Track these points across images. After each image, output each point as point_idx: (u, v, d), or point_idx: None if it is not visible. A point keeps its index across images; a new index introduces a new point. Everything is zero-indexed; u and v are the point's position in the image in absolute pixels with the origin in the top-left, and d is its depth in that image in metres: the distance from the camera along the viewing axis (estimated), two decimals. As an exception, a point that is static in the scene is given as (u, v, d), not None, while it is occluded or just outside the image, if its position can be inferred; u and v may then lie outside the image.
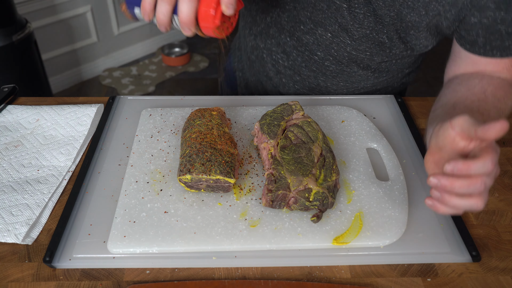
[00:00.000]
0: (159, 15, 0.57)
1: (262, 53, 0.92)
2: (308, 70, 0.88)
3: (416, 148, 0.74)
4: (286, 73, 0.91)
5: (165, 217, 0.61)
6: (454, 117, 0.54)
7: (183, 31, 0.58)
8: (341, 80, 0.89)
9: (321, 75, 0.88)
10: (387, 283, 0.56)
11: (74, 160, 0.72)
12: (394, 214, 0.61)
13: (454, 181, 0.50)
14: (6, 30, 1.65)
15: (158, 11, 0.56)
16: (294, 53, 0.87)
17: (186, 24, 0.56)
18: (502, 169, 0.73)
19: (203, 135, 0.66)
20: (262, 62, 0.93)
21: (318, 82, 0.90)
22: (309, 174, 0.61)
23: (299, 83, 0.91)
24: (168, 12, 0.56)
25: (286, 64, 0.89)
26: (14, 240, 0.59)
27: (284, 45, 0.87)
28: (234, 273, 0.56)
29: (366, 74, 0.87)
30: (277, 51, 0.89)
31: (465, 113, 0.55)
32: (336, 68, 0.86)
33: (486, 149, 0.51)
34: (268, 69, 0.93)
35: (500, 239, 0.61)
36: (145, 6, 0.57)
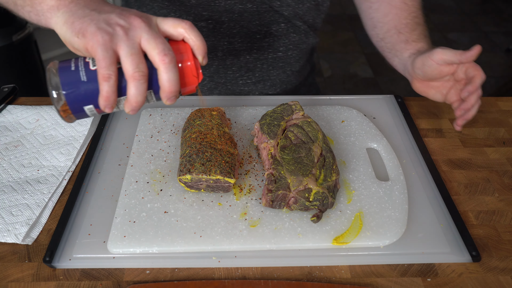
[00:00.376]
0: (135, 99, 0.48)
1: (225, 86, 0.89)
2: (276, 69, 0.89)
3: (416, 148, 0.74)
4: (258, 88, 0.90)
5: (165, 217, 0.61)
6: (432, 51, 0.69)
7: (168, 101, 0.50)
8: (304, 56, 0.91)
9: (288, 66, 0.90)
10: (387, 283, 0.56)
11: (74, 160, 0.72)
12: (394, 214, 0.61)
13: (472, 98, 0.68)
14: (6, 30, 1.65)
15: (132, 94, 0.47)
16: (258, 64, 0.87)
17: (174, 93, 0.49)
18: (502, 169, 0.73)
19: (203, 135, 0.66)
20: (227, 92, 0.90)
21: (286, 74, 0.92)
22: (309, 174, 0.61)
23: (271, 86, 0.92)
24: (145, 90, 0.48)
25: (254, 79, 0.89)
26: (14, 240, 0.59)
27: (246, 64, 0.86)
28: (234, 273, 0.56)
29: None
30: (241, 74, 0.87)
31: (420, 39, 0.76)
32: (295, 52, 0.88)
33: (472, 68, 0.67)
34: (239, 91, 0.91)
35: (500, 239, 0.61)
36: (109, 97, 0.47)
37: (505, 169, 0.73)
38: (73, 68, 0.48)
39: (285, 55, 0.88)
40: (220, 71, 0.86)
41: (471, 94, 0.67)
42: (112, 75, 0.46)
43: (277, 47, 0.85)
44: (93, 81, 0.47)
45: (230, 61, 0.85)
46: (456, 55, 0.66)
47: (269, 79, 0.90)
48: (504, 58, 2.87)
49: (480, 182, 0.70)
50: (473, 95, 0.67)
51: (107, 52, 0.46)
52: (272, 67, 0.88)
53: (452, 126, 0.81)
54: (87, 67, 0.48)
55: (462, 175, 0.71)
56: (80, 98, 0.48)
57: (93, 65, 0.48)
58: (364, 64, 2.78)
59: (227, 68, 0.86)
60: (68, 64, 0.49)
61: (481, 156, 0.75)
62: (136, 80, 0.47)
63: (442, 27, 3.15)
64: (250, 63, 0.86)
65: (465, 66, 0.68)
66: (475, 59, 0.66)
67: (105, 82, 0.46)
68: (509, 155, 0.76)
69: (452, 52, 0.67)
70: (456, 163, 0.73)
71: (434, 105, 0.86)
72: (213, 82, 0.88)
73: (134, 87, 0.47)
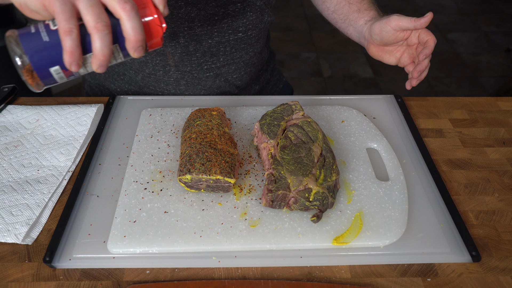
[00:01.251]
0: (102, 52, 0.46)
1: (191, 74, 0.89)
2: (239, 51, 0.90)
3: (416, 148, 0.74)
4: (223, 72, 0.91)
5: (165, 217, 0.61)
6: (388, 17, 0.74)
7: (135, 53, 0.49)
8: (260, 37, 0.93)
9: (250, 47, 0.91)
10: (387, 283, 0.56)
11: (74, 160, 0.72)
12: (394, 214, 0.61)
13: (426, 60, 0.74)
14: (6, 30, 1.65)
15: (97, 47, 0.46)
16: (221, 48, 0.87)
17: (140, 41, 0.47)
18: (502, 169, 0.73)
19: (203, 135, 0.66)
20: (194, 81, 0.90)
21: (249, 55, 0.92)
22: (309, 174, 0.61)
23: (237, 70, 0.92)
24: (110, 42, 0.46)
25: (219, 63, 0.89)
26: (14, 240, 0.59)
27: (209, 49, 0.86)
28: (234, 273, 0.56)
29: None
30: (205, 60, 0.87)
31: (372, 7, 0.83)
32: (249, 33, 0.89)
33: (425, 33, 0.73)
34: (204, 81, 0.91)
35: (500, 239, 0.61)
36: (73, 52, 0.46)
37: (505, 169, 0.73)
38: (33, 31, 0.47)
39: (245, 35, 0.88)
40: (185, 59, 0.86)
41: (427, 57, 0.73)
42: (73, 28, 0.45)
43: (236, 28, 0.86)
44: (56, 39, 0.46)
45: (193, 47, 0.85)
46: (411, 22, 0.72)
47: (233, 62, 0.90)
48: (504, 58, 2.87)
49: (480, 182, 0.70)
50: (428, 58, 0.73)
51: (65, 5, 0.45)
52: (235, 49, 0.89)
53: (452, 126, 0.81)
54: (47, 28, 0.47)
55: (462, 175, 0.71)
56: (45, 59, 0.47)
57: (54, 25, 0.47)
58: (364, 64, 2.78)
59: (190, 55, 0.86)
60: (27, 29, 0.48)
61: (481, 156, 0.75)
62: (99, 31, 0.45)
63: (442, 27, 3.15)
64: (213, 47, 0.86)
65: (418, 32, 0.74)
66: (427, 25, 0.71)
67: (67, 36, 0.45)
68: (509, 155, 0.76)
69: (407, 19, 0.72)
70: (456, 163, 0.73)
71: (434, 105, 0.86)
72: (178, 72, 0.88)
73: (98, 39, 0.46)
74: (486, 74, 2.72)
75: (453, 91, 2.57)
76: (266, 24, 0.92)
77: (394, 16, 0.74)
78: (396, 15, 0.74)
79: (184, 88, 0.90)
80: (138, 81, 0.90)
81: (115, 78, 0.93)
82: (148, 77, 0.89)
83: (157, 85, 0.90)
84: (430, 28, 0.87)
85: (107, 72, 0.93)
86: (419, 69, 0.74)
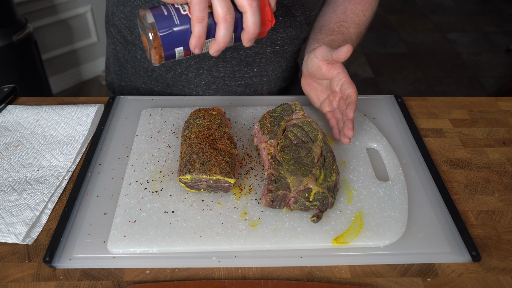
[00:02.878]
0: (223, 39, 0.54)
1: (223, 81, 0.89)
2: (273, 64, 0.90)
3: (416, 148, 0.74)
4: (254, 82, 0.91)
5: (165, 217, 0.61)
6: (317, 48, 0.71)
7: (248, 43, 0.56)
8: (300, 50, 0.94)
9: (284, 61, 0.91)
10: (387, 283, 0.56)
11: (74, 160, 0.72)
12: (394, 214, 0.62)
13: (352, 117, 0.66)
14: (6, 30, 1.65)
15: (220, 35, 0.53)
16: (257, 59, 0.87)
17: (255, 35, 0.55)
18: (502, 169, 0.73)
19: (203, 135, 0.66)
20: (225, 87, 0.90)
21: (282, 69, 0.92)
22: (309, 174, 0.61)
23: (268, 82, 0.92)
24: (232, 32, 0.54)
25: (252, 73, 0.89)
26: (14, 240, 0.59)
27: (246, 58, 0.86)
28: (234, 273, 0.56)
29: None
30: (240, 69, 0.88)
31: (326, 40, 0.77)
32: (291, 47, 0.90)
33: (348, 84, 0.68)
34: (234, 89, 0.91)
35: (500, 239, 0.61)
36: (200, 37, 0.53)
37: (505, 169, 0.73)
38: (165, 13, 0.54)
39: (282, 49, 0.88)
40: (220, 64, 0.86)
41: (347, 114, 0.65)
42: (205, 17, 0.52)
43: (275, 41, 0.86)
44: (185, 24, 0.54)
45: (230, 54, 0.85)
46: (330, 52, 0.68)
47: (266, 74, 0.90)
48: (504, 58, 2.87)
49: (480, 182, 0.70)
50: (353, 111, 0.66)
51: None
52: (270, 61, 0.89)
53: (452, 126, 0.81)
54: (178, 12, 0.54)
55: (462, 175, 0.71)
56: (174, 40, 0.54)
57: (184, 11, 0.54)
58: (364, 64, 2.78)
59: (226, 61, 0.86)
60: (160, 10, 0.54)
61: (481, 156, 0.75)
62: (227, 22, 0.52)
63: (442, 27, 3.15)
64: (249, 57, 0.86)
65: (342, 79, 0.69)
66: (343, 58, 0.67)
67: (198, 23, 0.52)
68: (509, 155, 0.76)
69: (329, 48, 0.69)
70: (456, 163, 0.73)
71: (434, 105, 0.86)
72: (211, 76, 0.88)
73: (224, 28, 0.53)
74: (486, 74, 2.72)
75: (453, 91, 2.57)
76: (301, 40, 0.92)
77: (322, 46, 0.71)
78: (324, 46, 0.71)
79: (213, 92, 0.90)
80: (168, 79, 0.90)
81: (141, 74, 0.93)
82: (179, 76, 0.89)
83: (187, 85, 0.90)
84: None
85: (134, 67, 0.93)
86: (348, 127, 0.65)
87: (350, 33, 0.81)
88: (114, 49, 0.96)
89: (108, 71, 1.03)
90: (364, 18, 0.85)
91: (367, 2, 0.86)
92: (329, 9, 0.87)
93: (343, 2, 0.86)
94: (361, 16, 0.85)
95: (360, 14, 0.84)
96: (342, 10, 0.85)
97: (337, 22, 0.82)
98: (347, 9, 0.84)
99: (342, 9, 0.85)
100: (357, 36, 0.83)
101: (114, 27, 0.91)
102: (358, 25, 0.84)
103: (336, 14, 0.84)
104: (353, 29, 0.82)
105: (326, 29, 0.81)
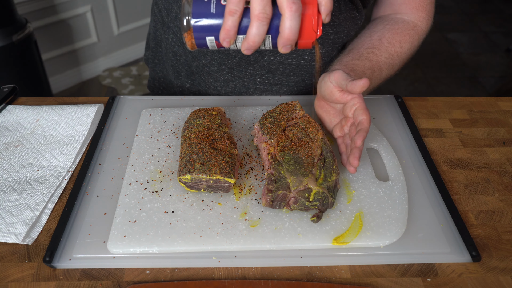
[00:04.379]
0: (253, 38, 0.51)
1: (242, 81, 0.89)
2: (296, 76, 0.88)
3: (416, 148, 0.74)
4: (273, 90, 0.90)
5: (165, 217, 0.61)
6: (332, 71, 0.66)
7: (283, 49, 0.53)
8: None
9: (309, 76, 0.89)
10: (387, 283, 0.56)
11: (74, 160, 0.72)
12: (394, 214, 0.61)
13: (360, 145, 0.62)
14: (6, 30, 1.65)
15: (252, 33, 0.51)
16: (280, 68, 0.86)
17: (291, 41, 0.51)
18: (502, 169, 0.73)
19: (203, 135, 0.66)
20: (243, 89, 0.90)
21: (305, 83, 0.90)
22: (309, 174, 0.61)
23: (287, 92, 0.91)
24: (264, 33, 0.51)
25: (272, 81, 0.88)
26: (14, 240, 0.59)
27: (269, 64, 0.85)
28: (234, 273, 0.56)
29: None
30: (261, 73, 0.87)
31: (350, 63, 0.72)
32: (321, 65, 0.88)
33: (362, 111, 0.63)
34: (251, 92, 0.91)
35: (500, 239, 0.61)
36: (229, 31, 0.51)
37: (505, 169, 0.73)
38: (206, 0, 0.53)
39: (308, 64, 0.86)
40: (242, 65, 0.85)
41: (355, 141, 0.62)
42: (237, 11, 0.50)
43: (302, 55, 0.84)
44: (220, 14, 0.52)
45: (254, 57, 0.84)
46: (345, 80, 0.63)
47: (287, 84, 0.89)
48: (504, 58, 2.87)
49: (480, 182, 0.70)
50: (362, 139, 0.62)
51: None
52: (294, 73, 0.87)
53: (452, 126, 0.81)
54: (218, 2, 0.52)
55: (462, 175, 0.71)
56: (205, 28, 0.53)
57: (224, 1, 0.52)
58: (364, 64, 2.77)
59: (249, 63, 0.85)
60: None
61: (481, 156, 0.75)
62: (259, 20, 0.50)
63: (442, 27, 3.15)
64: (273, 65, 0.85)
65: (356, 105, 0.64)
66: (358, 92, 0.62)
67: (230, 16, 0.50)
68: (509, 155, 0.76)
69: (345, 76, 0.64)
70: (456, 163, 0.73)
71: (434, 105, 0.86)
72: (231, 74, 0.87)
73: (255, 27, 0.50)
74: (486, 74, 2.72)
75: (453, 91, 2.57)
76: (328, 58, 0.90)
77: (339, 70, 0.66)
78: (341, 70, 0.66)
79: (230, 90, 0.90)
80: (193, 67, 0.90)
81: (170, 57, 0.93)
82: (202, 67, 0.89)
83: (207, 77, 0.90)
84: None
85: (166, 48, 0.94)
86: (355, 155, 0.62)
87: (379, 61, 0.76)
88: (154, 27, 0.97)
89: (148, 46, 1.04)
90: (400, 50, 0.80)
91: (408, 34, 0.82)
92: (365, 33, 0.83)
93: (382, 29, 0.82)
94: (397, 47, 0.80)
95: (396, 45, 0.80)
96: (378, 37, 0.80)
97: (368, 47, 0.78)
98: (383, 37, 0.80)
99: (378, 36, 0.80)
100: (387, 66, 0.78)
101: (156, 6, 0.92)
102: (391, 55, 0.79)
103: (371, 39, 0.80)
104: (384, 58, 0.77)
105: (354, 52, 0.77)
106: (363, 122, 0.62)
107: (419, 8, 0.84)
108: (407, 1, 0.84)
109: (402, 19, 0.84)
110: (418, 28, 0.85)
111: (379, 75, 0.77)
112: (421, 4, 0.84)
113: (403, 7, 0.85)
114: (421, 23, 0.85)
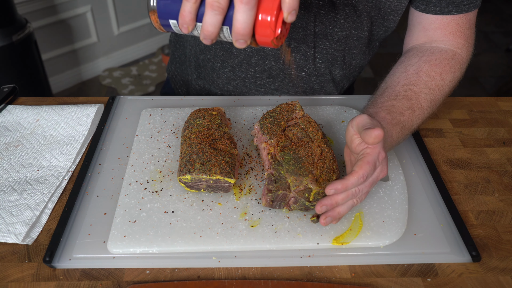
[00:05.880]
0: (207, 27, 0.49)
1: (243, 81, 0.88)
2: (296, 87, 0.87)
3: (416, 148, 0.74)
4: (274, 94, 0.89)
5: (165, 217, 0.61)
6: (357, 115, 0.60)
7: (236, 43, 0.50)
8: (327, 84, 0.88)
9: (310, 89, 0.88)
10: (387, 283, 0.56)
11: (74, 160, 0.72)
12: (394, 214, 0.61)
13: (335, 197, 0.57)
14: (6, 30, 1.65)
15: (206, 22, 0.48)
16: (281, 75, 0.86)
17: (242, 36, 0.49)
18: (502, 169, 0.73)
19: (203, 135, 0.66)
20: (244, 89, 0.89)
21: (306, 95, 0.90)
22: (309, 174, 0.61)
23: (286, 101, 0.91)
24: (219, 23, 0.49)
25: (273, 86, 0.88)
26: (14, 240, 0.59)
27: (269, 69, 0.84)
28: (234, 273, 0.56)
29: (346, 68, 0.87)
30: (261, 77, 0.86)
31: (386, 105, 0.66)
32: (320, 79, 0.86)
33: (362, 161, 0.57)
34: (253, 93, 0.90)
35: (500, 239, 0.61)
36: (185, 16, 0.49)
37: (505, 169, 0.73)
38: None
39: (309, 79, 0.85)
40: (243, 66, 0.85)
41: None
42: None
43: (302, 67, 0.82)
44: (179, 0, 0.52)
45: (255, 60, 0.83)
46: (365, 126, 0.58)
47: (287, 92, 0.88)
48: (504, 58, 2.87)
49: (480, 182, 0.70)
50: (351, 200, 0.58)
51: None
52: (293, 84, 0.85)
53: (452, 126, 0.81)
54: None
55: (462, 175, 0.71)
56: (167, 12, 0.52)
57: None
58: (364, 64, 2.77)
59: (250, 65, 0.84)
60: None
61: (481, 156, 0.75)
62: (212, 9, 0.48)
63: (442, 27, 3.15)
64: (274, 70, 0.84)
65: (363, 156, 0.58)
66: (370, 142, 0.56)
67: (186, 1, 0.49)
68: (509, 155, 0.76)
69: (368, 121, 0.59)
70: (456, 163, 0.73)
71: (434, 105, 0.86)
72: (233, 73, 0.87)
73: (208, 15, 0.48)
74: (486, 74, 2.72)
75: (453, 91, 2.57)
76: (338, 78, 0.88)
77: (363, 115, 0.60)
78: (365, 116, 0.60)
79: (232, 88, 0.89)
80: (200, 60, 0.90)
81: (185, 46, 0.93)
82: (207, 61, 0.89)
83: (211, 73, 0.90)
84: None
85: (180, 36, 0.95)
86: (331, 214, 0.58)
87: (419, 99, 0.68)
88: None
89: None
90: (441, 83, 0.72)
91: (448, 65, 0.74)
92: (399, 69, 0.74)
93: (418, 61, 0.73)
94: (438, 80, 0.71)
95: (437, 78, 0.71)
96: (414, 71, 0.72)
97: (405, 84, 0.70)
98: (420, 70, 0.72)
99: (414, 70, 0.72)
100: (429, 103, 0.70)
101: None
102: (432, 91, 0.70)
103: (407, 75, 0.72)
104: (424, 94, 0.69)
105: (389, 92, 0.70)
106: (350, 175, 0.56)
107: (456, 34, 0.76)
108: (442, 26, 0.76)
109: (439, 48, 0.76)
110: (459, 56, 0.76)
111: (421, 114, 0.69)
112: (458, 29, 0.76)
113: (438, 33, 0.77)
114: (461, 50, 0.77)
